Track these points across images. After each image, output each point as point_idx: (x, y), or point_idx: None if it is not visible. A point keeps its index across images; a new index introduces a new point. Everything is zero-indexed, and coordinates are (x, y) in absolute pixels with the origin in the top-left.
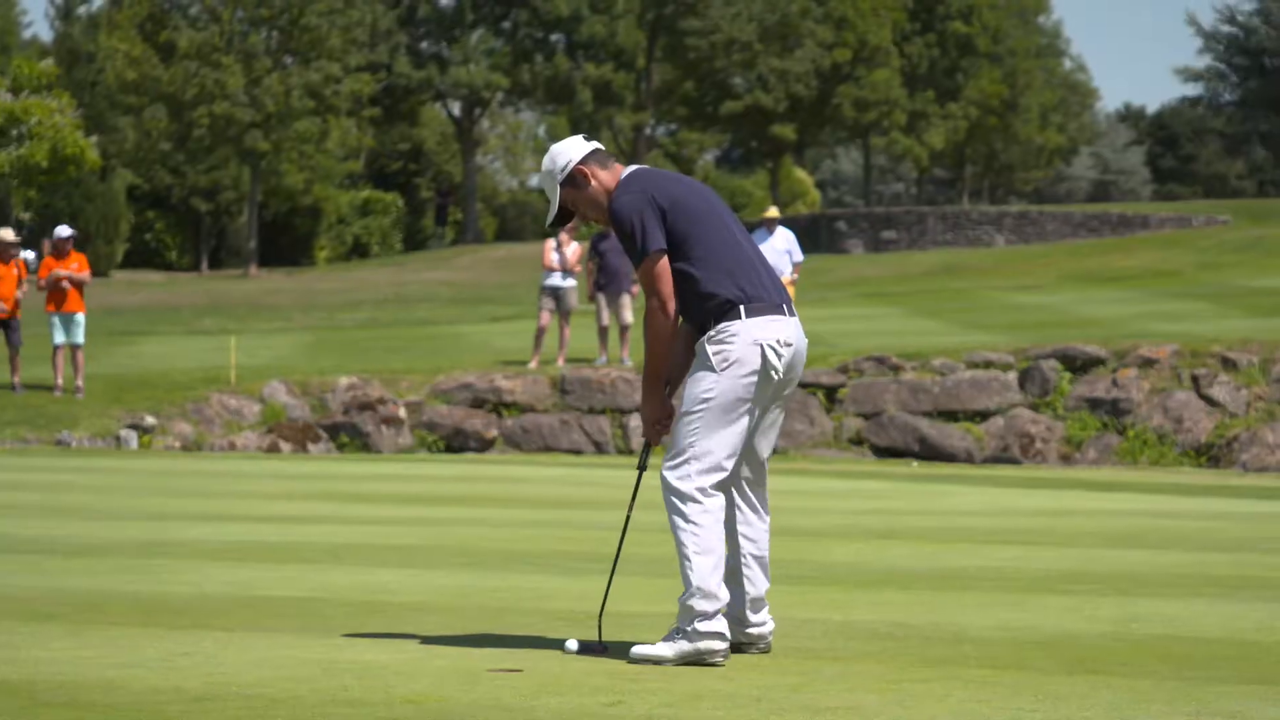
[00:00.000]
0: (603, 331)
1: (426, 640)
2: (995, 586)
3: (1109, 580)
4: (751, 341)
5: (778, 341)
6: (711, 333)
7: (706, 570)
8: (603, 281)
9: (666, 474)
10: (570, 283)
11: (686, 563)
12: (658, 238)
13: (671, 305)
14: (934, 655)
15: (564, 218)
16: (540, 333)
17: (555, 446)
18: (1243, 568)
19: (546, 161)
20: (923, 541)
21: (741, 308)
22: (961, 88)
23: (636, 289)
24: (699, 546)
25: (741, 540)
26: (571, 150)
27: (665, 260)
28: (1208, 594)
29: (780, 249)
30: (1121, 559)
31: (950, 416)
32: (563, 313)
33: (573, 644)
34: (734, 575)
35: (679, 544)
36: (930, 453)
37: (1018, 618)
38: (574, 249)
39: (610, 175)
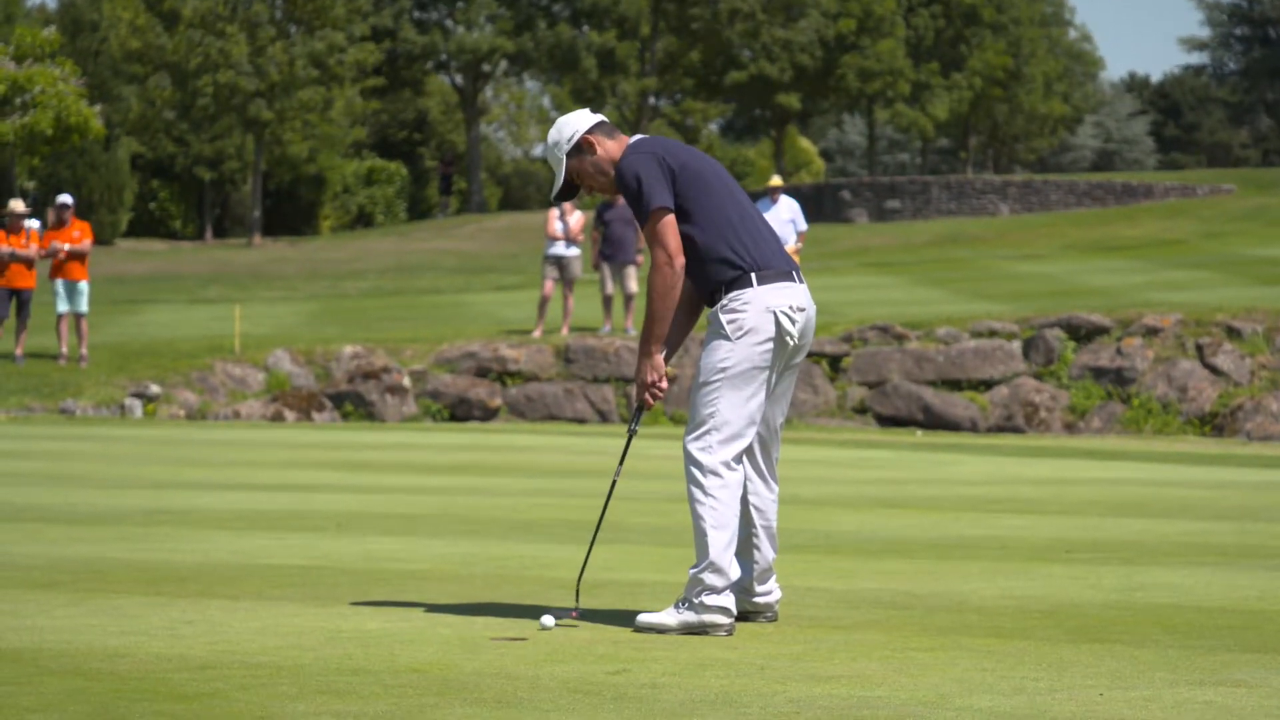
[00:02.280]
0: (606, 301)
1: (431, 609)
2: (999, 555)
3: (1113, 549)
4: (764, 309)
5: (790, 308)
6: (724, 301)
7: (721, 545)
8: (608, 251)
9: (690, 446)
10: (574, 251)
11: (703, 535)
12: (664, 194)
13: (680, 260)
14: (938, 624)
15: (568, 192)
16: (544, 302)
17: (559, 415)
18: (1246, 536)
19: (552, 134)
20: (927, 510)
21: (753, 275)
22: (966, 58)
23: (642, 259)
24: (716, 520)
25: (753, 512)
26: (578, 121)
27: (672, 216)
28: (1211, 563)
29: (784, 218)
30: (1125, 528)
31: (954, 385)
32: (566, 281)
33: (548, 619)
34: (744, 547)
35: (697, 516)
36: (934, 422)
37: (1021, 586)
38: (577, 218)
39: (617, 145)
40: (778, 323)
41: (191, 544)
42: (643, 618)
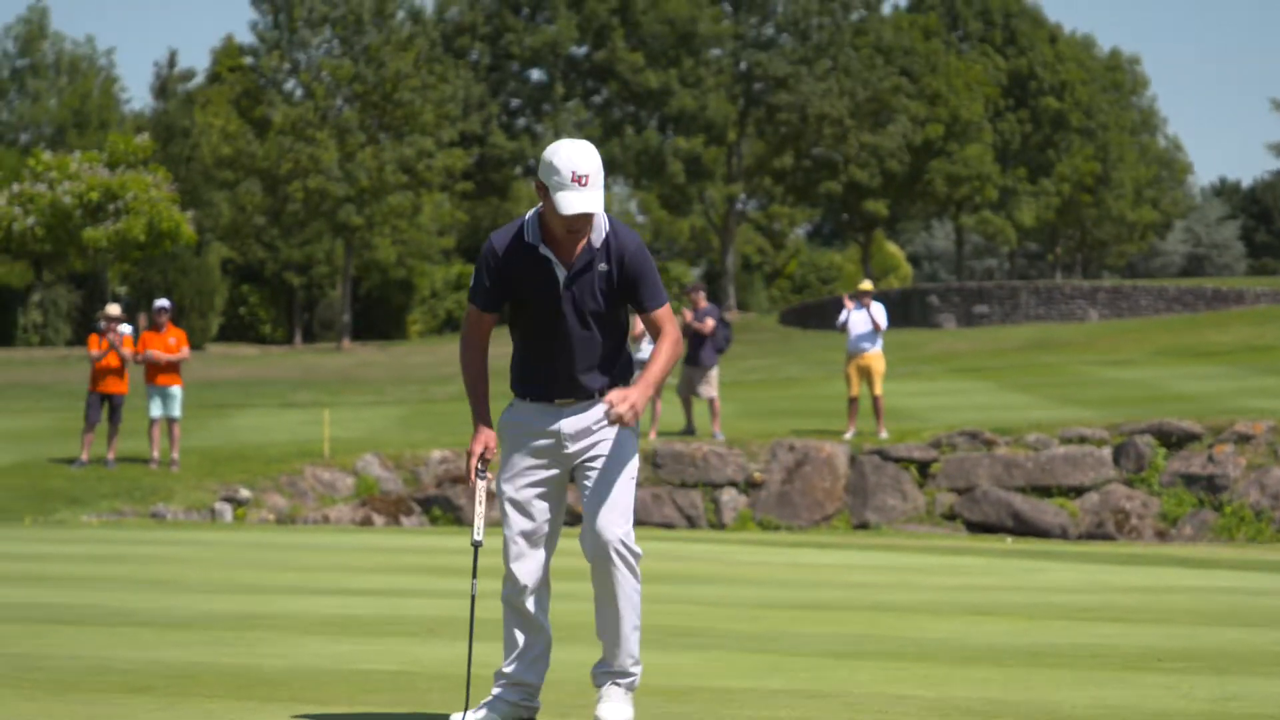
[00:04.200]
0: (686, 402)
1: None
2: (1091, 664)
3: (1206, 658)
4: None
5: None
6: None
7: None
8: (690, 356)
9: (625, 538)
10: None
11: (636, 633)
12: None
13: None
14: None
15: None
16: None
17: (647, 520)
18: None
19: (596, 168)
20: (1017, 618)
21: None
22: (1054, 164)
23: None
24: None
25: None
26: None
27: None
28: None
29: (871, 322)
30: (1218, 637)
31: (1044, 492)
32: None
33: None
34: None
35: (632, 612)
36: (1024, 528)
37: (1114, 695)
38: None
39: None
40: None
41: (282, 649)
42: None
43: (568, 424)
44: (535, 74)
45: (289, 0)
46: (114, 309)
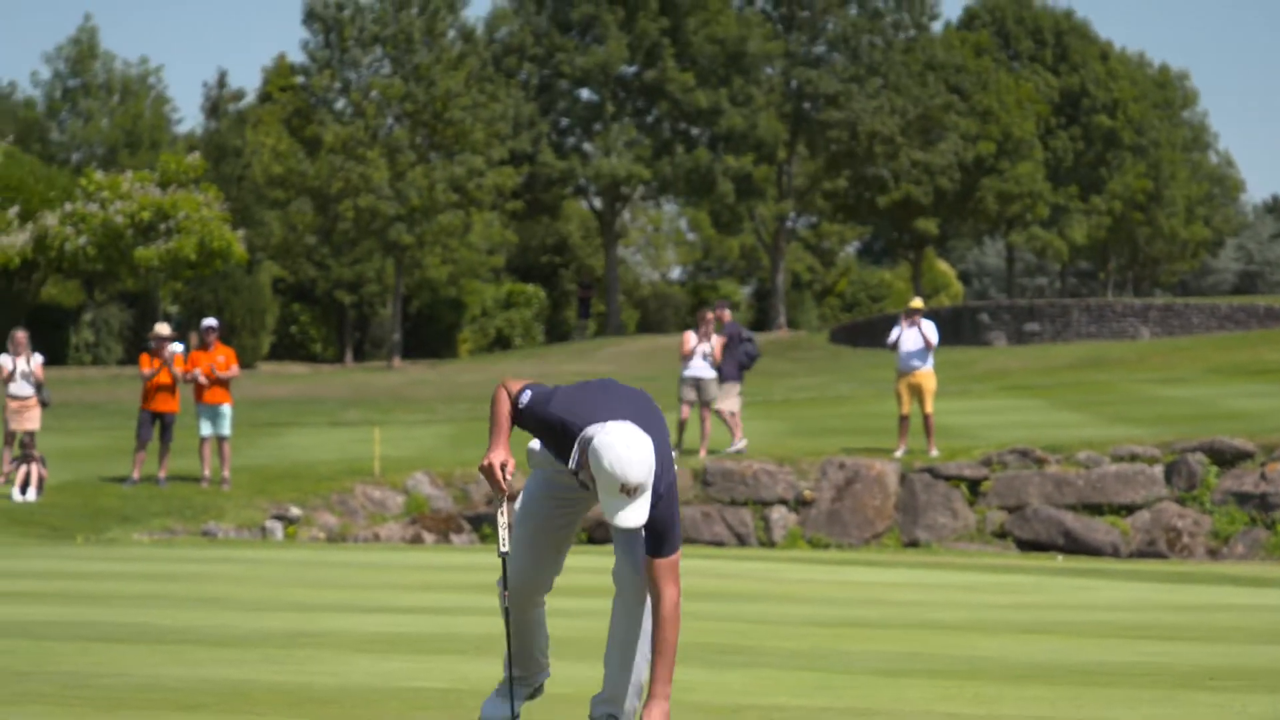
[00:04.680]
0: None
1: None
2: (1142, 683)
3: (1258, 677)
4: None
5: None
6: None
7: None
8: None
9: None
10: (711, 373)
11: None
12: None
13: None
14: None
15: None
16: (681, 425)
17: (697, 538)
18: None
19: (647, 473)
20: (1068, 636)
21: None
22: (1106, 181)
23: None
24: None
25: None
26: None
27: None
28: None
29: (922, 340)
30: (1270, 655)
31: (1095, 510)
32: (703, 403)
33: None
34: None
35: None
36: (1075, 546)
37: (1165, 714)
38: (716, 339)
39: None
40: None
41: (332, 666)
42: None
43: None
44: (585, 93)
45: (340, 20)
46: (163, 328)
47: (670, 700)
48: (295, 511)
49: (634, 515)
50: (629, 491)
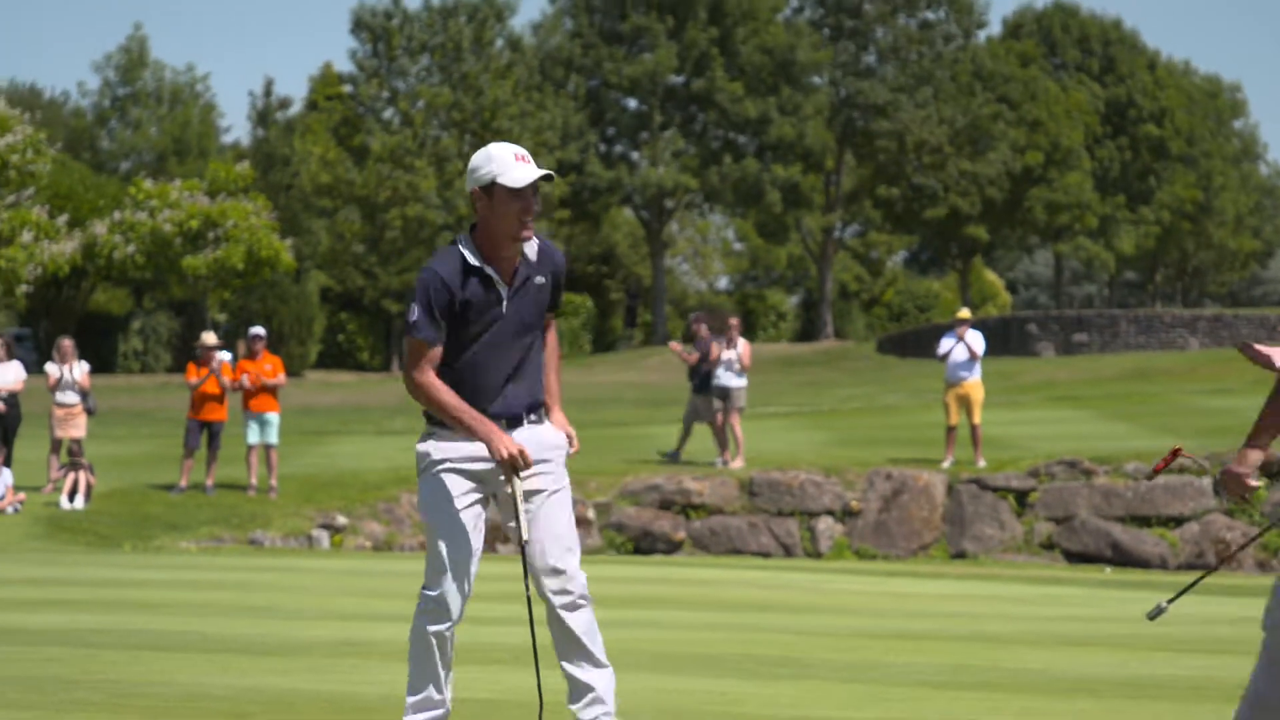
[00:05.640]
0: (688, 429)
1: None
2: (1191, 696)
3: None
4: None
5: None
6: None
7: None
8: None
9: (580, 572)
10: (739, 382)
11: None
12: None
13: None
14: None
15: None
16: (719, 432)
17: (743, 549)
18: None
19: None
20: (1116, 648)
21: None
22: (1154, 191)
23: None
24: None
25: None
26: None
27: None
28: None
29: (969, 351)
30: None
31: (1143, 522)
32: (732, 411)
33: None
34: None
35: (601, 648)
36: (1123, 558)
37: None
38: (743, 345)
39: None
40: None
41: (378, 675)
42: None
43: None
44: (633, 102)
45: (388, 28)
46: (210, 337)
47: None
48: (342, 520)
49: (534, 170)
50: (521, 158)
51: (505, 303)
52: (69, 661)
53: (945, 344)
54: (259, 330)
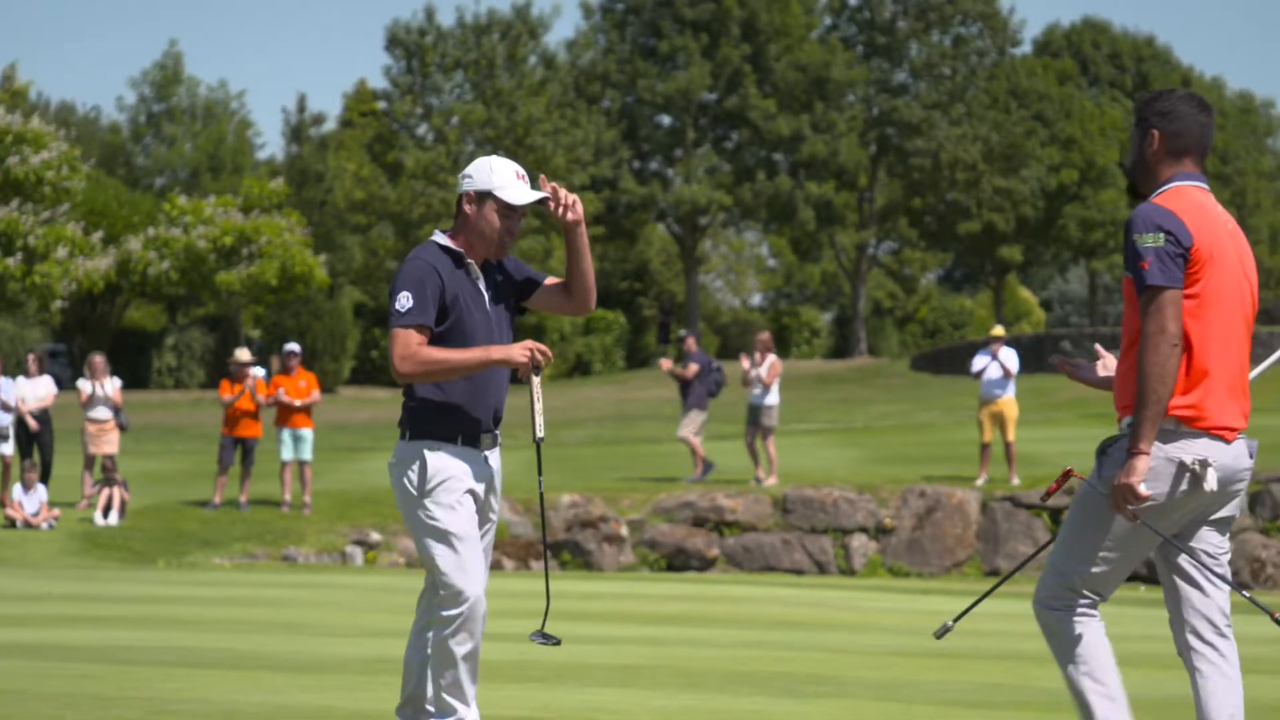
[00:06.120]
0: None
1: None
2: None
3: None
4: None
5: None
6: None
7: None
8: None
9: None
10: (768, 400)
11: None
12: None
13: None
14: None
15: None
16: (751, 450)
17: (776, 566)
18: None
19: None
20: (1151, 667)
21: None
22: None
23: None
24: None
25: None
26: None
27: None
28: None
29: (1002, 369)
30: None
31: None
32: (763, 429)
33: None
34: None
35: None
36: (1159, 576)
37: None
38: (770, 361)
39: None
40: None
41: None
42: None
43: (491, 472)
44: (666, 119)
45: (422, 45)
46: (244, 354)
47: None
48: (375, 536)
49: (532, 191)
50: (521, 177)
51: (486, 297)
52: (104, 678)
53: (979, 361)
54: (293, 346)
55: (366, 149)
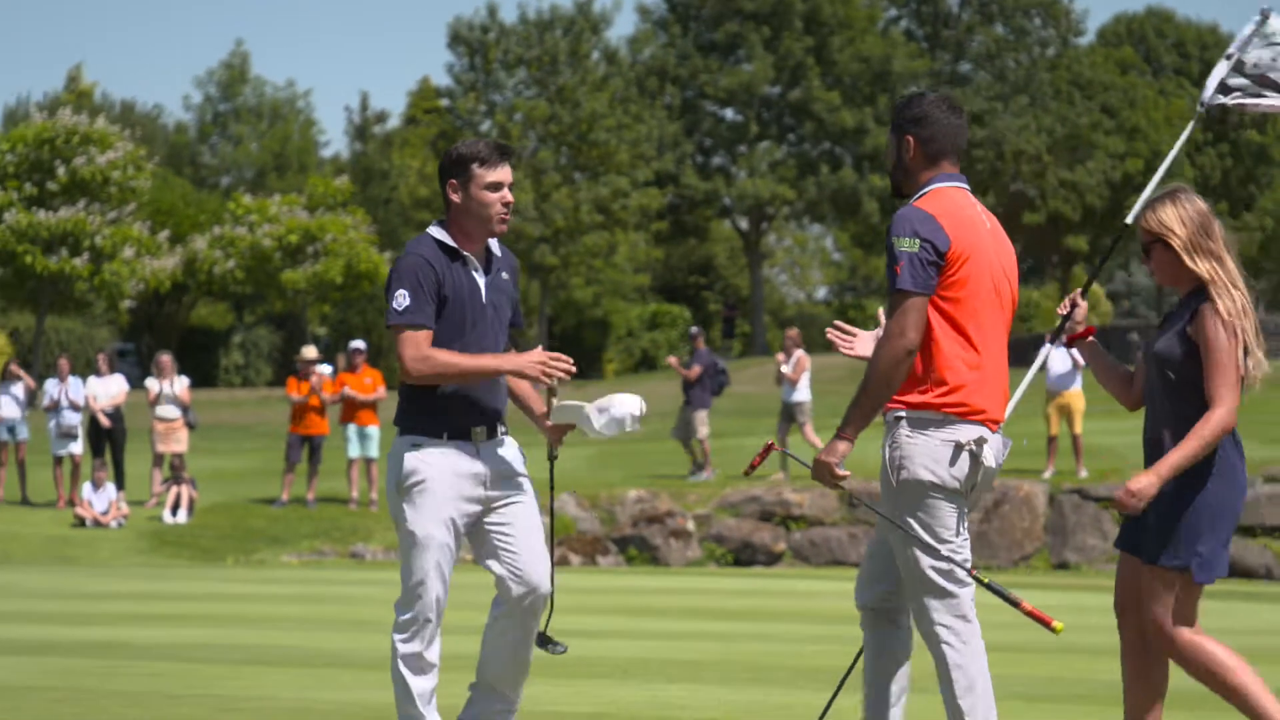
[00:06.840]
0: (685, 444)
1: None
2: None
3: None
4: None
5: None
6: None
7: None
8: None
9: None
10: (797, 397)
11: None
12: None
13: None
14: None
15: None
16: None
17: (844, 560)
18: None
19: None
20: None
21: None
22: (1256, 198)
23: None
24: None
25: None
26: None
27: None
28: None
29: (1070, 360)
30: None
31: (1248, 532)
32: (796, 425)
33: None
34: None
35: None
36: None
37: None
38: (797, 356)
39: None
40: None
41: None
42: None
43: (491, 465)
44: (729, 113)
45: (485, 42)
46: (310, 352)
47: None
48: None
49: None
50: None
51: (484, 291)
52: (173, 676)
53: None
54: (359, 344)
55: (430, 146)
